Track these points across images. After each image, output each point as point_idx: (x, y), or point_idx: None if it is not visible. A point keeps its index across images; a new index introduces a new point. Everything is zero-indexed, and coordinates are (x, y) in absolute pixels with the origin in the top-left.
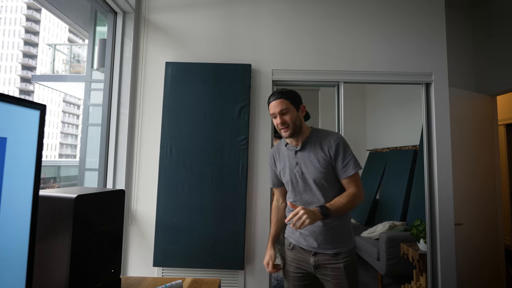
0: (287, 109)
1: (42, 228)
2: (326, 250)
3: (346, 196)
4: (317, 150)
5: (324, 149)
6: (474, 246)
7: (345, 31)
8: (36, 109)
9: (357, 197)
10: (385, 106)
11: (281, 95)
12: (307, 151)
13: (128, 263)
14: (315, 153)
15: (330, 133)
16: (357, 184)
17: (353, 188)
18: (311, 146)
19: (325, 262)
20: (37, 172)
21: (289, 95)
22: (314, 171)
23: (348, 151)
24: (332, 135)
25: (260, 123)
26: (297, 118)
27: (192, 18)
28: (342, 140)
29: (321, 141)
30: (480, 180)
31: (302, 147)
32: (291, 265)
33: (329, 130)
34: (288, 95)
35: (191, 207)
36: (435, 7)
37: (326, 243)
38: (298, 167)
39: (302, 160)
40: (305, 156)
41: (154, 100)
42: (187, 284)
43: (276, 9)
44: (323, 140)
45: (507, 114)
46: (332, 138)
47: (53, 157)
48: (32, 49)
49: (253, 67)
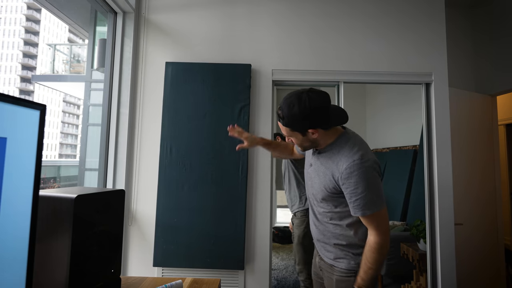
0: (290, 133)
1: (42, 228)
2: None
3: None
4: (330, 166)
5: (335, 170)
6: (474, 246)
7: (345, 31)
8: (36, 109)
9: (381, 247)
10: (385, 106)
11: (280, 119)
12: (323, 157)
13: (128, 263)
14: (326, 168)
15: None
16: (376, 228)
17: (372, 236)
18: (330, 154)
19: (324, 267)
20: (37, 172)
21: (289, 121)
22: (318, 186)
23: (362, 186)
24: (350, 158)
25: (260, 123)
26: (305, 141)
27: (192, 18)
28: (360, 170)
29: (338, 157)
30: (480, 180)
31: (321, 150)
32: (315, 259)
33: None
34: (287, 122)
35: (191, 207)
36: (435, 7)
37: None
38: (311, 168)
39: (315, 166)
40: (319, 162)
41: (154, 100)
42: (187, 284)
43: (277, 9)
44: (339, 158)
45: (507, 114)
46: (347, 164)
47: (53, 157)
48: (32, 49)
49: (253, 67)
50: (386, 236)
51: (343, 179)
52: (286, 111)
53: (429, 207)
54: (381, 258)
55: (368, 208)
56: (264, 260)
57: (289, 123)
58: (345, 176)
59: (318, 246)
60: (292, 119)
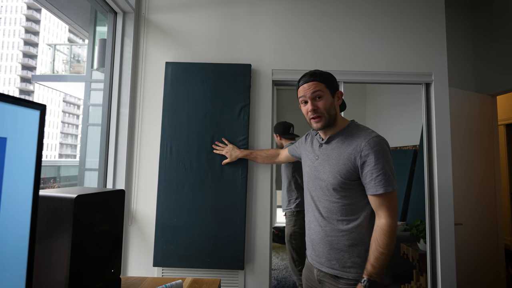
0: (320, 92)
1: (42, 228)
2: (323, 267)
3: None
4: (343, 151)
5: (351, 152)
6: (474, 246)
7: (345, 31)
8: (36, 109)
9: (393, 230)
10: (385, 107)
11: (314, 76)
12: (332, 147)
13: (128, 263)
14: (338, 154)
15: (367, 133)
16: (388, 209)
17: (383, 218)
18: (340, 142)
19: (326, 279)
20: (37, 172)
21: (324, 77)
22: (330, 175)
23: (382, 162)
24: (368, 135)
25: (260, 123)
26: (331, 106)
27: (192, 18)
28: (380, 146)
29: (352, 141)
30: (480, 180)
31: (328, 140)
32: (305, 271)
33: (367, 130)
34: (323, 77)
35: (191, 207)
36: (435, 7)
37: (324, 258)
38: (317, 162)
39: (323, 157)
40: (327, 152)
41: (154, 100)
42: (187, 284)
43: (276, 9)
44: (354, 140)
45: (507, 114)
46: (366, 141)
47: (53, 157)
48: (32, 49)
49: (253, 67)
50: (396, 218)
51: (363, 157)
52: (319, 72)
53: (429, 207)
54: (393, 243)
55: (389, 184)
56: (264, 260)
57: (325, 79)
58: (366, 152)
59: (317, 256)
60: (327, 77)
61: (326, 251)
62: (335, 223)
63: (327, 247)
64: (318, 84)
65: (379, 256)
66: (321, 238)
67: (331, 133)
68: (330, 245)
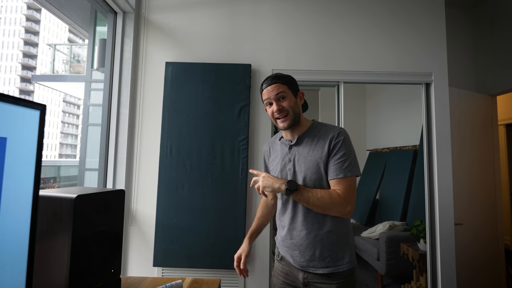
0: (284, 93)
1: (42, 228)
2: (316, 269)
3: (325, 192)
4: (315, 146)
5: (324, 144)
6: (474, 246)
7: (344, 31)
8: (36, 109)
9: (337, 202)
10: (385, 106)
11: (276, 79)
12: (303, 146)
13: (128, 263)
14: (312, 149)
15: (333, 127)
16: (345, 190)
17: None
18: (309, 140)
19: (315, 281)
20: (37, 172)
21: (285, 79)
22: (307, 169)
23: (348, 150)
24: (335, 129)
25: (260, 123)
26: (295, 105)
27: (192, 18)
28: (346, 136)
29: (321, 135)
30: (480, 180)
31: (297, 141)
32: (279, 278)
33: (334, 125)
34: (284, 79)
35: (191, 207)
36: (435, 7)
37: (316, 260)
38: (290, 164)
39: (296, 157)
40: (300, 152)
41: (154, 100)
42: (187, 284)
43: (276, 9)
44: (324, 134)
45: (507, 114)
46: (335, 132)
47: (53, 157)
48: (32, 49)
49: (253, 67)
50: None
51: (333, 143)
52: (281, 75)
53: (429, 207)
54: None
55: (351, 169)
56: (264, 260)
57: (287, 81)
58: (335, 141)
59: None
60: (288, 79)
61: (318, 252)
62: (322, 220)
63: (319, 247)
64: (281, 85)
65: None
66: (309, 241)
67: (299, 133)
68: (321, 244)
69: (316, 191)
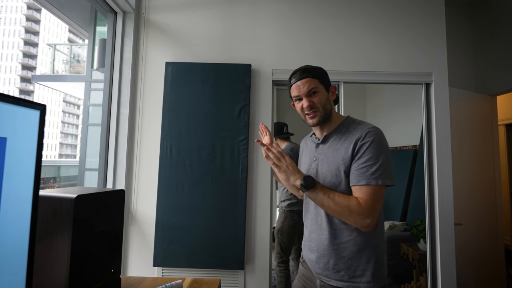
0: (315, 88)
1: (42, 228)
2: (329, 279)
3: (345, 197)
4: (341, 147)
5: (349, 146)
6: (474, 246)
7: (344, 30)
8: (36, 109)
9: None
10: (385, 106)
11: (307, 73)
12: (329, 145)
13: (128, 263)
14: (337, 151)
15: (364, 125)
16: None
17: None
18: (336, 139)
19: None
20: (37, 172)
21: (317, 72)
22: (327, 171)
23: (376, 153)
24: (365, 127)
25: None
26: (327, 101)
27: (192, 18)
28: (377, 138)
29: (349, 135)
30: (480, 180)
31: (324, 139)
32: (299, 281)
33: (363, 123)
34: (316, 73)
35: (191, 207)
36: (435, 7)
37: (329, 270)
38: (315, 164)
39: (320, 157)
40: (325, 151)
41: (154, 100)
42: (187, 284)
43: (276, 9)
44: (352, 134)
45: (507, 114)
46: (363, 131)
47: (53, 157)
48: (32, 49)
49: (253, 67)
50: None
51: (357, 146)
52: (311, 67)
53: (429, 207)
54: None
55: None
56: (264, 260)
57: (318, 74)
58: (361, 142)
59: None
60: (319, 72)
61: (333, 262)
62: (341, 228)
63: (334, 257)
64: (312, 80)
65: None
66: (326, 247)
67: (327, 131)
68: (337, 253)
69: (334, 194)
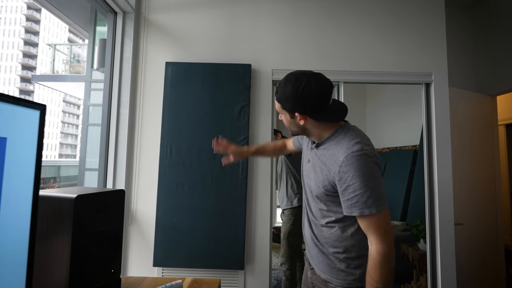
0: (280, 110)
1: (42, 228)
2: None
3: (374, 269)
4: (325, 161)
5: (330, 166)
6: (474, 246)
7: (344, 30)
8: (36, 109)
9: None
10: (385, 106)
11: (276, 92)
12: (320, 153)
13: (128, 263)
14: (323, 164)
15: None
16: (376, 232)
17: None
18: (326, 149)
19: (317, 284)
20: (37, 172)
21: (280, 97)
22: (313, 183)
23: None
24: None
25: (260, 123)
26: (292, 124)
27: (192, 18)
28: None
29: (335, 152)
30: (480, 180)
31: (317, 145)
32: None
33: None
34: (280, 96)
35: (191, 207)
36: (435, 7)
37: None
38: (308, 165)
39: (312, 161)
40: (316, 158)
41: (154, 100)
42: (187, 284)
43: (276, 9)
44: (337, 152)
45: (507, 114)
46: (345, 156)
47: (53, 157)
48: (32, 49)
49: (253, 67)
50: (390, 242)
51: (340, 173)
52: (282, 86)
53: (429, 207)
54: (388, 273)
55: (368, 206)
56: (264, 260)
57: (280, 99)
58: (343, 169)
59: (311, 257)
60: (283, 96)
61: (315, 253)
62: (321, 228)
63: (316, 250)
64: (277, 102)
65: (375, 279)
66: (311, 239)
67: (317, 140)
68: (318, 248)
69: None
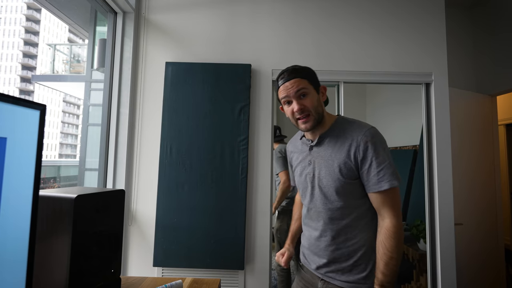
0: (305, 89)
1: (42, 228)
2: (333, 278)
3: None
4: (339, 149)
5: (349, 149)
6: (474, 246)
7: (344, 30)
8: (36, 109)
9: (399, 230)
10: (385, 106)
11: (295, 73)
12: (325, 148)
13: (128, 263)
14: (335, 153)
15: (361, 126)
16: (392, 208)
17: (388, 218)
18: (332, 141)
19: None
20: (37, 172)
21: (306, 72)
22: (329, 178)
23: (382, 154)
24: (363, 128)
25: (260, 123)
26: (319, 103)
27: (192, 18)
28: (376, 137)
29: (346, 136)
30: (480, 180)
31: (319, 141)
32: (299, 285)
33: (362, 122)
34: (305, 73)
35: (191, 207)
36: (435, 7)
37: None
38: (310, 168)
39: (317, 160)
40: (321, 154)
41: (154, 100)
42: (187, 284)
43: (276, 9)
44: (349, 135)
45: (507, 114)
46: (362, 133)
47: (53, 157)
48: (32, 49)
49: (253, 67)
50: (401, 217)
51: (362, 151)
52: (296, 68)
53: (429, 207)
54: (401, 245)
55: (395, 178)
56: (264, 260)
57: (307, 74)
58: (364, 146)
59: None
60: (305, 72)
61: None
62: (342, 231)
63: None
64: (302, 80)
65: (388, 261)
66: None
67: (321, 132)
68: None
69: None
